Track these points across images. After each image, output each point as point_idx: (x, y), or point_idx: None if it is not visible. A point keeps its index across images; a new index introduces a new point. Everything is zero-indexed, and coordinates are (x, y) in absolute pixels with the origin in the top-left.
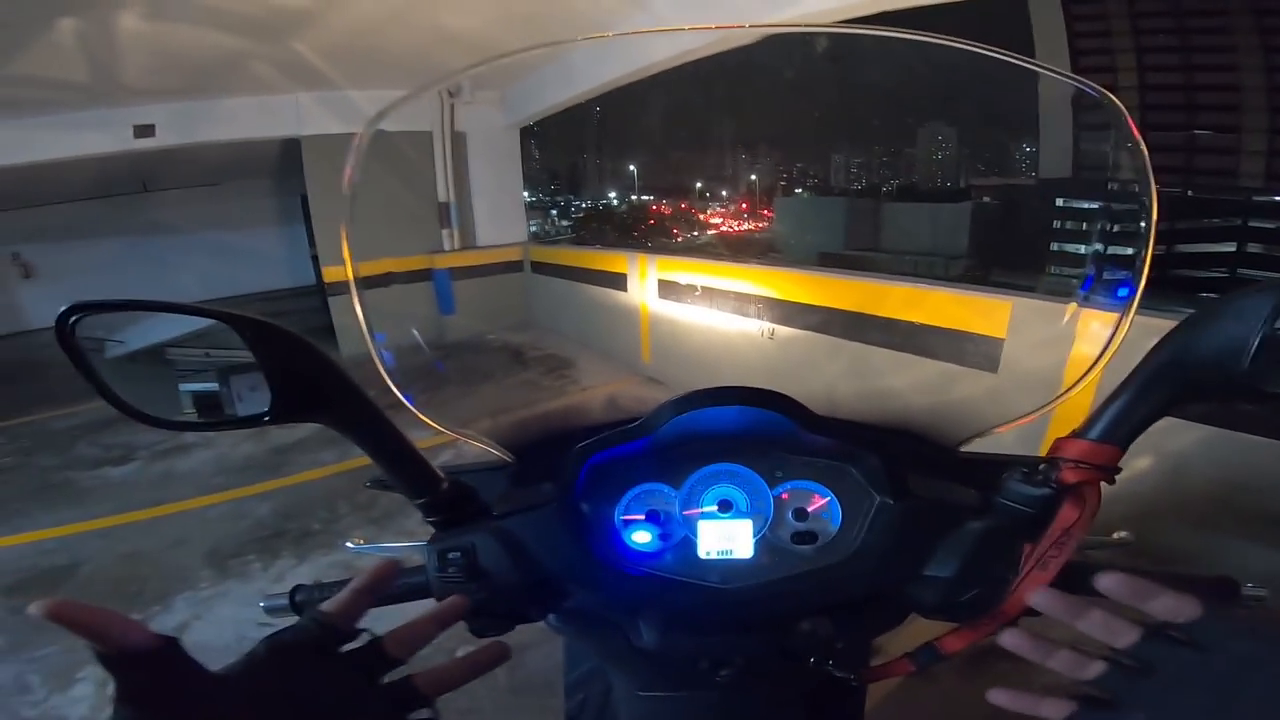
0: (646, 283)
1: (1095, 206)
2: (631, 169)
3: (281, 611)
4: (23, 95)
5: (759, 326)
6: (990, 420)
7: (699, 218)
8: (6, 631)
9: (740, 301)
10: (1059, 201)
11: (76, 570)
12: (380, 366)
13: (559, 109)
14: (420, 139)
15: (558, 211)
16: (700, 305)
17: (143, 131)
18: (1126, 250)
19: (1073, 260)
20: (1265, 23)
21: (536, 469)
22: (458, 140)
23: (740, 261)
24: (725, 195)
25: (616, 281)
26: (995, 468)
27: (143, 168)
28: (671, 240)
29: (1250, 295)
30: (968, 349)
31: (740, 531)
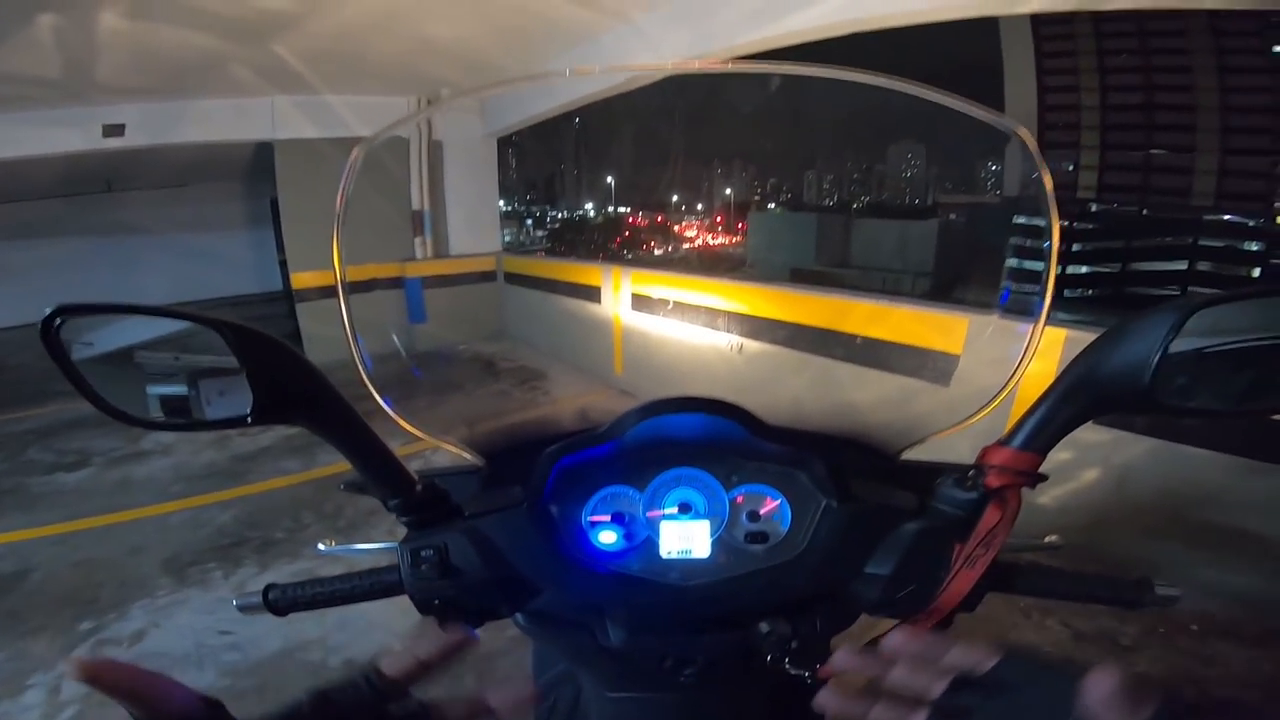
0: (620, 295)
1: (1020, 223)
2: (608, 180)
3: (255, 609)
4: None
5: (728, 341)
6: (928, 429)
7: (674, 230)
8: None
9: (711, 316)
10: (1019, 219)
11: (27, 577)
12: (363, 372)
13: (537, 120)
14: (397, 145)
15: (533, 221)
16: (673, 319)
17: (112, 131)
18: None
19: (1031, 277)
20: (1222, 44)
21: (507, 473)
22: (435, 148)
23: (712, 276)
24: (700, 209)
25: (590, 294)
26: (931, 473)
27: (109, 167)
28: (646, 253)
29: (1151, 316)
30: (926, 364)
31: (699, 532)
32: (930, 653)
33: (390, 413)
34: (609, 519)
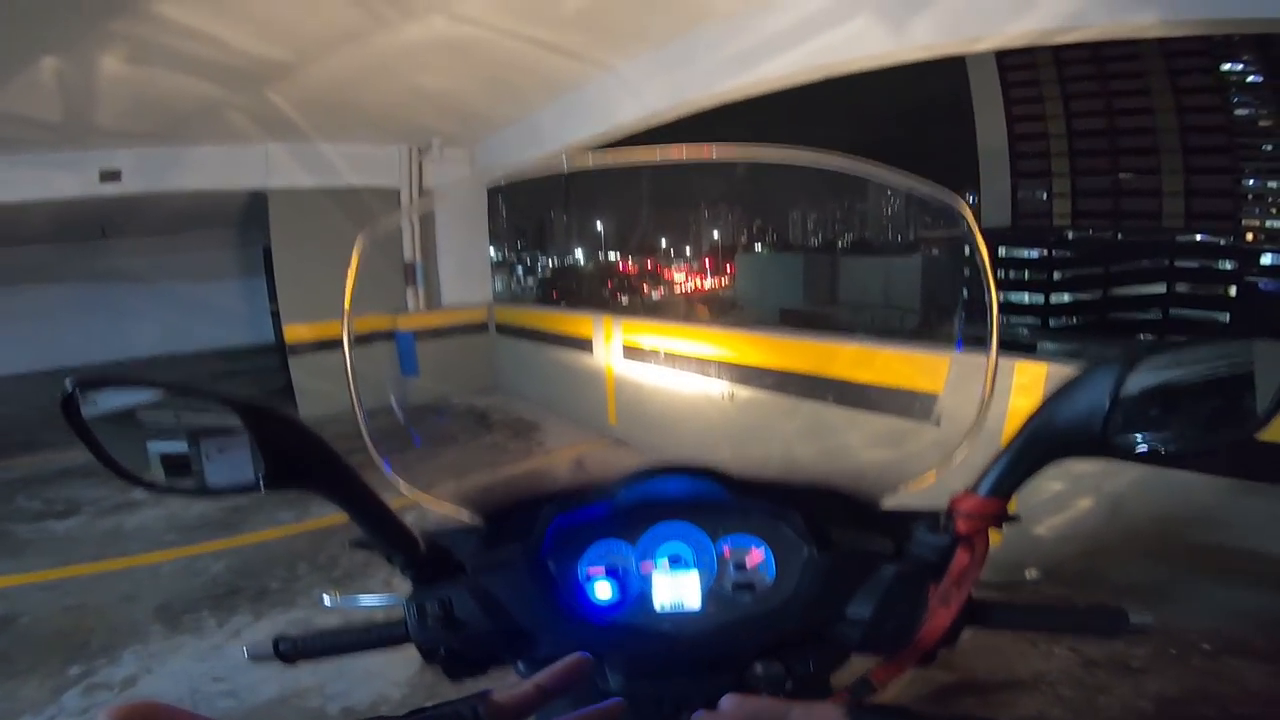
0: (612, 345)
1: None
2: (598, 227)
3: (266, 659)
4: None
5: (720, 388)
6: (904, 478)
7: (664, 274)
8: None
9: (702, 364)
10: (1000, 251)
11: (15, 621)
12: (367, 438)
13: (526, 173)
14: (387, 196)
15: (524, 269)
16: (665, 367)
17: (109, 176)
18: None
19: (1015, 309)
20: (1173, 64)
21: (505, 530)
22: (426, 206)
23: (702, 324)
24: (689, 252)
25: (582, 344)
26: (907, 520)
27: (104, 213)
28: (638, 298)
29: (1102, 368)
30: (914, 405)
31: (689, 583)
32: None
33: (392, 479)
34: (604, 572)
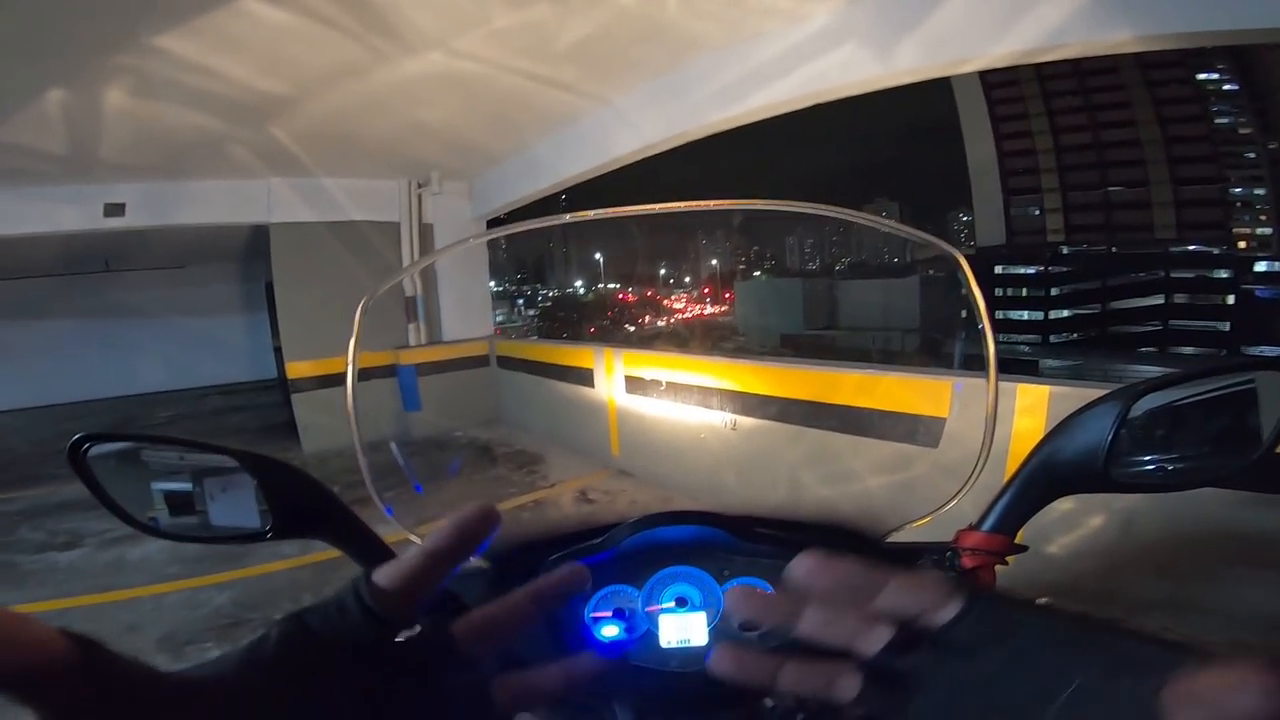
0: (614, 378)
1: (997, 273)
2: (597, 257)
3: None
4: (1, 164)
5: (722, 418)
6: (910, 515)
7: (663, 304)
8: None
9: (704, 394)
10: (997, 269)
11: None
12: (370, 487)
13: (526, 201)
14: (388, 230)
15: (524, 300)
16: (666, 399)
17: (113, 210)
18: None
19: (1014, 327)
20: (1150, 75)
21: (511, 574)
22: (425, 232)
23: (703, 355)
24: (688, 281)
25: (584, 376)
26: (913, 555)
27: (108, 247)
28: (638, 327)
29: (1100, 404)
30: (918, 430)
31: (696, 623)
32: (858, 588)
33: (396, 523)
34: (610, 614)
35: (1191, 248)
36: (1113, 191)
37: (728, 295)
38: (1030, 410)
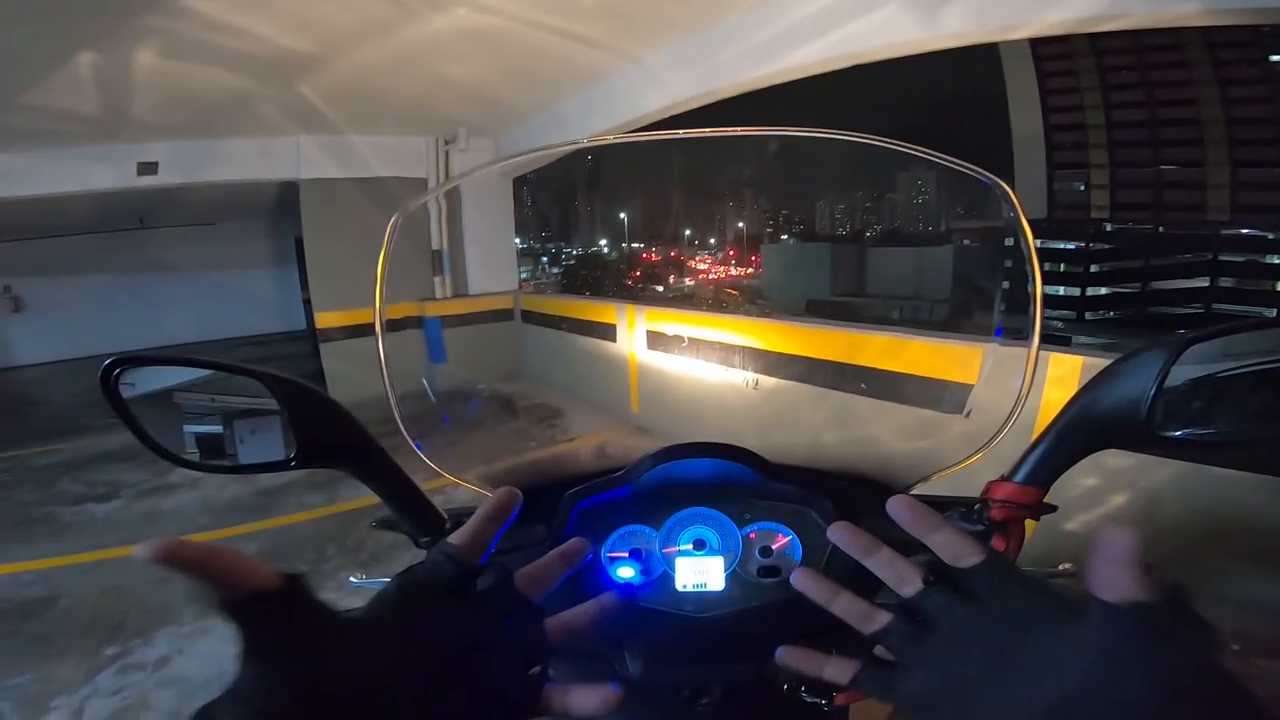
0: (635, 333)
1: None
2: (622, 216)
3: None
4: (35, 126)
5: (744, 377)
6: (936, 465)
7: (688, 264)
8: None
9: (726, 352)
10: (1035, 244)
11: (55, 603)
12: (400, 423)
13: (553, 158)
14: (415, 186)
15: (549, 258)
16: (688, 356)
17: (146, 168)
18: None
19: (1049, 302)
20: (1218, 55)
21: (530, 511)
22: (452, 188)
23: (726, 313)
24: (713, 242)
25: (606, 332)
26: (939, 507)
27: (142, 204)
28: (662, 288)
29: (1146, 354)
30: (944, 396)
31: (713, 567)
32: (923, 529)
33: (425, 459)
34: (627, 555)
35: (1244, 231)
36: (1165, 170)
37: (754, 258)
38: (1062, 381)
